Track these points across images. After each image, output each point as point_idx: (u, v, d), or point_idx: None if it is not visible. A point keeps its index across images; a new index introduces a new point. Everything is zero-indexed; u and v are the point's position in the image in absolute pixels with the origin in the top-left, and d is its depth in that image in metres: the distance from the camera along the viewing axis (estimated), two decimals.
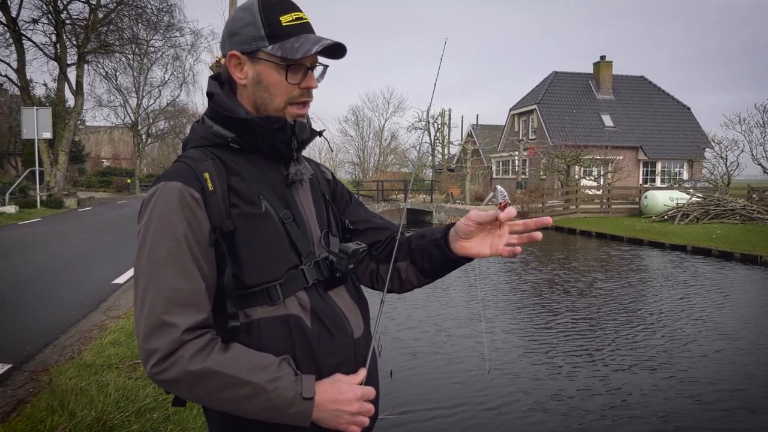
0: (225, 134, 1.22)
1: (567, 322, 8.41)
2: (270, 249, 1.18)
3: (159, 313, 1.07)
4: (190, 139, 1.27)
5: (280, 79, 1.21)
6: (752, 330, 8.10)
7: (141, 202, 1.20)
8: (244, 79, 1.23)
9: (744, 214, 20.40)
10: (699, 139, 32.37)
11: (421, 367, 6.45)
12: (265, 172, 1.25)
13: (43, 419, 3.61)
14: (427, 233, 1.40)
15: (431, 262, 1.37)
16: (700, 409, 5.37)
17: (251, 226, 1.18)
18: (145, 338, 1.07)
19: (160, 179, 1.17)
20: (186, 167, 1.17)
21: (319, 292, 1.23)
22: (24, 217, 18.56)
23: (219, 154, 1.22)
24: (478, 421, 5.10)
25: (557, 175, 28.38)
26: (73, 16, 24.55)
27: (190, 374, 1.05)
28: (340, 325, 1.24)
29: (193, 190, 1.13)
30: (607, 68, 35.41)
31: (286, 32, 1.19)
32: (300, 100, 1.24)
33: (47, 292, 7.69)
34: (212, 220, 1.14)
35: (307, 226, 1.27)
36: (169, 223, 1.10)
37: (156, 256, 1.09)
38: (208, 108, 1.27)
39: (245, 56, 1.21)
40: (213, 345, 1.09)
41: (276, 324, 1.16)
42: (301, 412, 1.10)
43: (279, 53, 1.18)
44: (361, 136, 56.80)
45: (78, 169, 42.60)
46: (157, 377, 1.07)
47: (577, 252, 16.70)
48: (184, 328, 1.06)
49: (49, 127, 21.88)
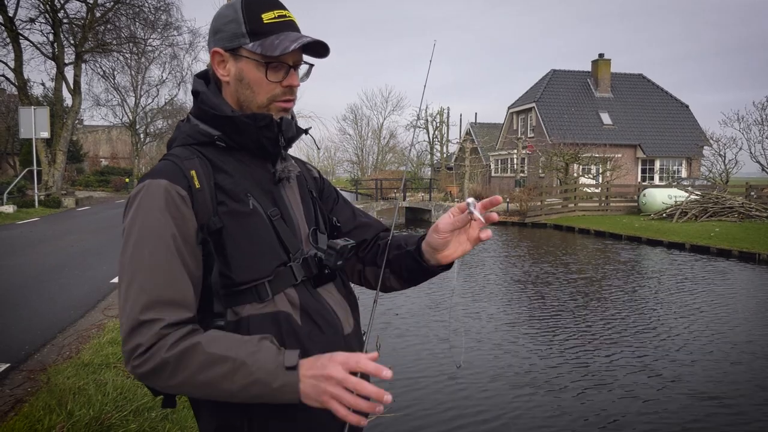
0: (211, 132, 1.22)
1: (561, 319, 8.41)
2: (258, 246, 1.17)
3: (142, 311, 1.05)
4: (176, 138, 1.26)
5: (260, 76, 1.20)
6: (750, 327, 8.11)
7: (126, 199, 1.18)
8: (227, 76, 1.23)
9: (742, 211, 20.42)
10: (697, 137, 32.41)
11: (416, 365, 6.45)
12: (252, 170, 1.24)
13: (40, 418, 3.60)
14: (403, 243, 1.38)
15: (410, 273, 1.37)
16: (698, 406, 5.37)
17: (239, 223, 1.17)
18: (129, 335, 1.05)
19: (145, 177, 1.16)
20: (172, 165, 1.16)
21: (309, 289, 1.23)
22: (22, 217, 18.54)
23: (205, 152, 1.21)
24: (472, 419, 5.10)
25: (556, 173, 28.40)
26: (70, 15, 24.53)
27: (168, 359, 1.03)
28: (331, 322, 1.23)
29: (179, 188, 1.12)
30: (606, 66, 35.42)
31: (267, 29, 1.19)
32: (282, 98, 1.23)
33: (45, 292, 7.68)
34: (199, 218, 1.13)
35: (296, 224, 1.27)
36: (155, 221, 1.09)
37: (141, 255, 1.08)
38: (193, 106, 1.26)
39: (228, 53, 1.21)
40: (193, 333, 1.07)
41: (265, 321, 1.15)
42: (287, 384, 1.02)
43: (259, 50, 1.18)
44: (360, 134, 56.80)
45: (76, 168, 42.55)
46: (137, 370, 1.04)
47: (575, 250, 16.71)
48: (167, 323, 1.05)
49: (47, 126, 21.85)
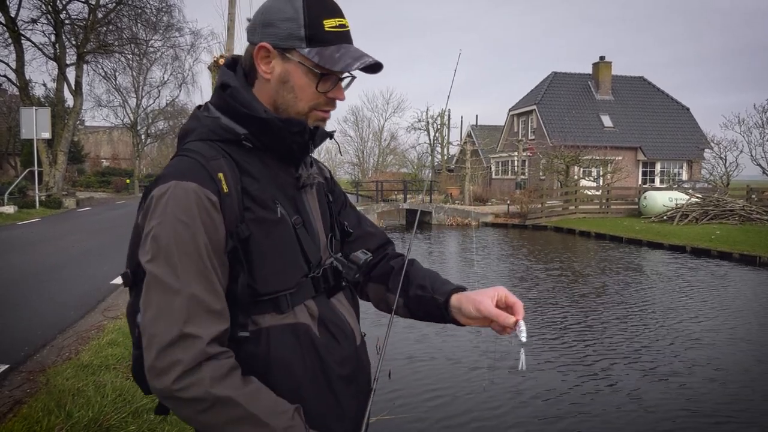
0: (237, 130, 1.13)
1: (564, 321, 8.40)
2: (283, 257, 1.13)
3: (182, 323, 1.00)
4: (193, 129, 1.17)
5: (309, 84, 1.14)
6: (751, 330, 8.09)
7: (144, 196, 1.10)
8: (269, 74, 1.14)
9: (743, 214, 20.41)
10: (698, 140, 32.41)
11: (420, 367, 6.44)
12: (276, 174, 1.17)
13: (39, 420, 3.59)
14: (429, 286, 1.32)
15: (426, 315, 1.34)
16: (699, 411, 5.36)
17: (266, 232, 1.11)
18: (164, 350, 0.99)
19: (169, 176, 1.07)
20: (197, 165, 1.08)
21: (325, 299, 1.20)
22: (23, 218, 18.54)
23: (230, 151, 1.13)
24: (478, 421, 5.09)
25: (556, 176, 28.39)
26: (72, 16, 24.58)
27: (212, 397, 0.98)
28: (346, 333, 1.21)
29: (209, 193, 1.05)
30: (607, 69, 35.44)
31: (327, 38, 1.12)
32: (324, 108, 1.18)
33: (45, 293, 7.67)
34: (227, 225, 1.07)
35: (316, 232, 1.22)
36: (187, 228, 1.03)
37: (174, 263, 1.02)
38: (216, 97, 1.17)
39: (276, 51, 1.13)
40: (236, 372, 1.03)
41: (285, 332, 1.12)
42: None
43: (316, 60, 1.11)
44: (361, 136, 56.85)
45: (77, 169, 42.55)
46: (177, 393, 0.98)
47: (576, 252, 16.70)
48: (209, 340, 1.00)
49: (48, 127, 21.86)
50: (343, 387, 1.18)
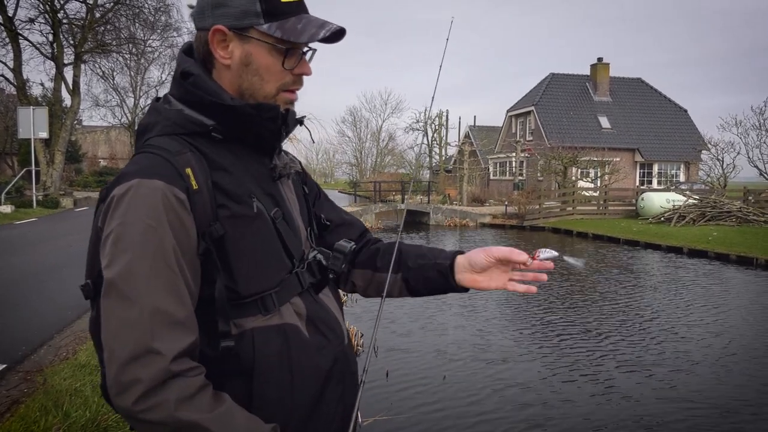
0: (204, 121, 1.05)
1: (561, 324, 8.41)
2: (264, 255, 1.06)
3: (142, 337, 0.90)
4: (155, 124, 1.06)
5: (274, 62, 1.06)
6: (748, 331, 8.11)
7: (103, 197, 1.00)
8: (229, 59, 1.06)
9: (740, 216, 20.46)
10: (696, 142, 32.47)
11: (416, 367, 6.44)
12: (250, 166, 1.09)
13: (37, 420, 3.59)
14: (428, 254, 1.29)
15: (426, 286, 1.30)
16: (696, 410, 5.37)
17: (243, 229, 1.03)
18: (123, 367, 0.89)
19: (131, 174, 0.97)
20: (163, 161, 0.99)
21: (312, 296, 1.14)
22: (20, 217, 18.49)
23: (197, 145, 1.04)
24: (470, 421, 5.09)
25: (554, 177, 28.42)
26: (69, 16, 24.55)
27: (176, 422, 0.89)
28: (335, 330, 1.16)
29: (177, 190, 0.96)
30: (605, 70, 35.47)
31: (285, 10, 1.04)
32: (292, 88, 1.11)
33: (42, 292, 7.66)
34: (198, 224, 0.98)
35: (297, 225, 1.16)
36: (152, 230, 0.93)
37: (137, 270, 0.92)
38: (177, 87, 1.08)
39: (232, 33, 1.04)
40: (204, 392, 0.94)
41: (270, 334, 1.04)
42: None
43: (278, 34, 1.04)
44: (359, 137, 56.91)
45: (74, 169, 42.46)
46: (139, 415, 0.89)
47: (575, 253, 16.71)
48: (173, 356, 0.91)
49: (46, 126, 21.83)
50: (332, 389, 1.13)
